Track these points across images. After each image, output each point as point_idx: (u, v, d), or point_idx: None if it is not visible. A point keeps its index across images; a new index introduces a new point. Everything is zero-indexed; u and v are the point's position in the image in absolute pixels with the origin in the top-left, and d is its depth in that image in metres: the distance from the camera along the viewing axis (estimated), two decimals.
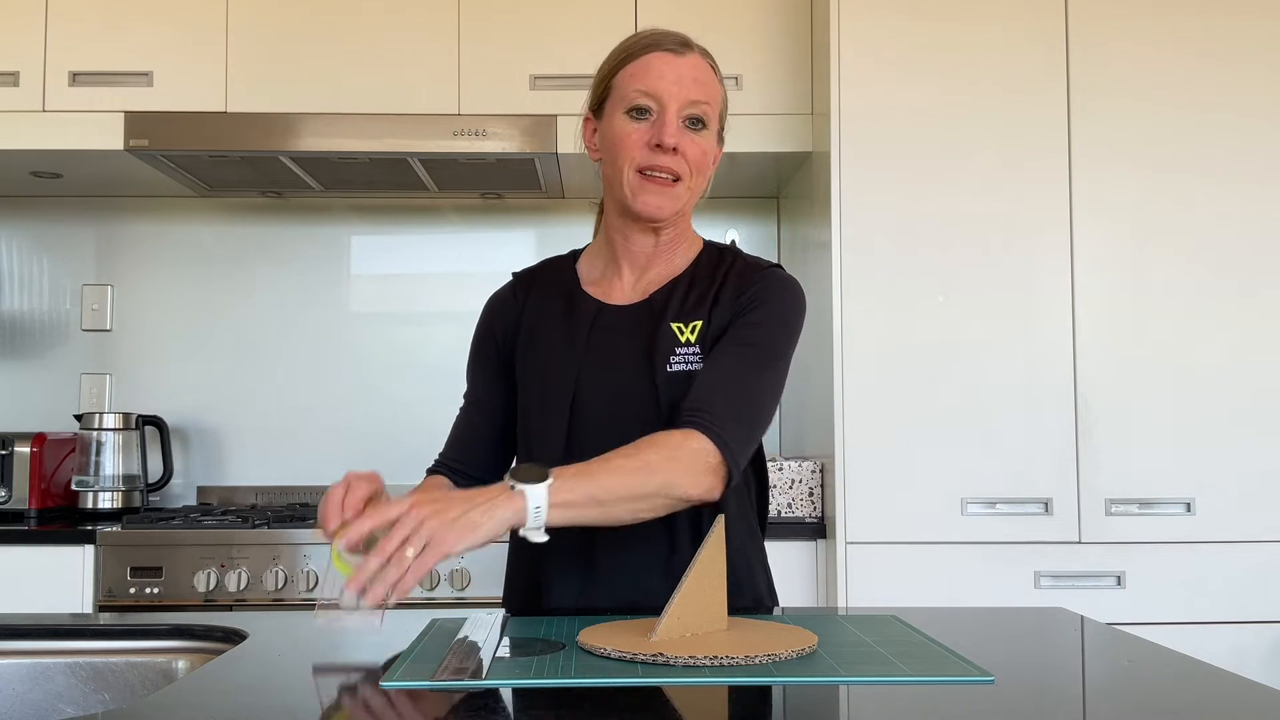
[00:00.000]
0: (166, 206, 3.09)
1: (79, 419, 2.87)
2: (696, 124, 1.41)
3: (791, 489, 2.53)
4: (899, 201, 2.41)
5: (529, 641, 1.15)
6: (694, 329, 1.41)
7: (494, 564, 2.40)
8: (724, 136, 1.49)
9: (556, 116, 2.61)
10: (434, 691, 0.97)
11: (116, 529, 2.45)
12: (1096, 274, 2.41)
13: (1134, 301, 2.41)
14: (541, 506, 1.16)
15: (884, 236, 2.40)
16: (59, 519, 2.77)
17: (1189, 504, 2.37)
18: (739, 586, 1.40)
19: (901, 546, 2.35)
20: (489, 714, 0.93)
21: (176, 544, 2.41)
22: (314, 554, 2.41)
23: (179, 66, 2.67)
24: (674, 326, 1.41)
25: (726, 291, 1.43)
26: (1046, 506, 2.36)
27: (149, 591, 2.39)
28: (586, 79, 1.50)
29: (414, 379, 3.05)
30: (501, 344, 1.50)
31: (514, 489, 1.16)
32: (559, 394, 1.41)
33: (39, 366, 3.06)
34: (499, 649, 1.11)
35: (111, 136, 2.61)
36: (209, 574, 2.38)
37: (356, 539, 1.12)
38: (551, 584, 1.41)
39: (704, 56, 1.44)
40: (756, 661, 1.05)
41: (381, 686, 0.98)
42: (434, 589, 2.39)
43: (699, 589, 1.16)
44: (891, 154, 2.41)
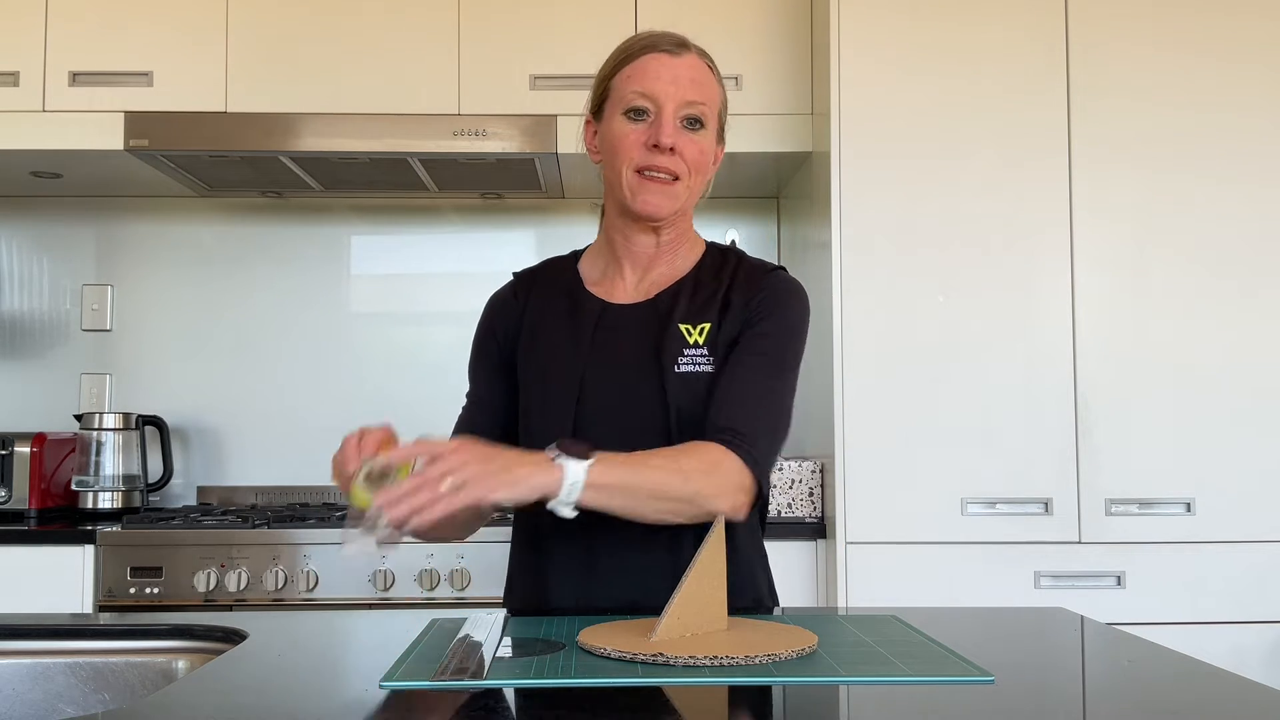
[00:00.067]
0: (166, 206, 3.09)
1: (79, 419, 2.87)
2: (694, 124, 1.41)
3: (791, 489, 2.54)
4: (899, 201, 2.41)
5: (529, 641, 1.15)
6: (702, 331, 1.41)
7: (494, 564, 2.41)
8: (725, 136, 1.49)
9: (556, 116, 2.61)
10: (434, 691, 0.97)
11: (116, 529, 2.45)
12: (1096, 274, 2.41)
13: (1134, 301, 2.41)
14: (578, 483, 1.19)
15: (884, 236, 2.40)
16: (59, 519, 2.77)
17: (1189, 504, 2.37)
18: (739, 586, 1.40)
19: (901, 546, 2.35)
20: (489, 714, 0.93)
21: (176, 544, 2.41)
22: (314, 554, 2.41)
23: (179, 66, 2.67)
24: (682, 328, 1.41)
25: (736, 295, 1.43)
26: (1046, 506, 2.36)
27: (149, 591, 2.39)
28: (586, 79, 1.50)
29: (414, 379, 3.05)
30: (503, 343, 1.50)
31: (556, 460, 1.20)
32: (563, 392, 1.40)
33: (39, 366, 3.06)
34: (499, 649, 1.11)
35: (111, 136, 2.61)
36: (209, 574, 2.38)
37: (401, 457, 1.18)
38: (553, 584, 1.41)
39: (701, 56, 1.44)
40: (756, 661, 1.05)
41: (381, 686, 0.98)
42: (434, 589, 2.39)
43: (699, 589, 1.16)
44: (891, 154, 2.41)
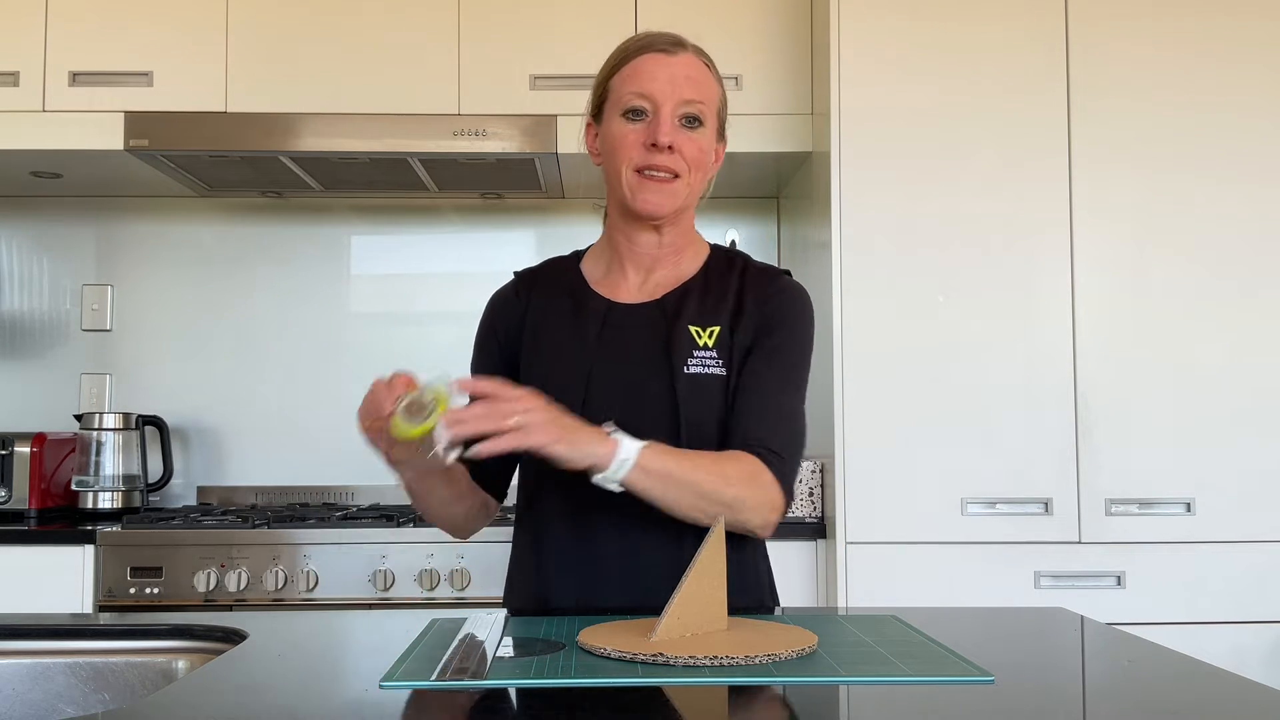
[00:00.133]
0: (166, 206, 3.09)
1: (79, 419, 2.87)
2: (693, 122, 1.41)
3: None
4: (899, 201, 2.41)
5: (529, 641, 1.15)
6: (711, 334, 1.42)
7: (494, 564, 2.41)
8: (725, 133, 1.49)
9: (556, 116, 2.61)
10: (434, 691, 0.97)
11: (116, 529, 2.45)
12: (1096, 274, 2.41)
13: (1134, 301, 2.41)
14: (629, 460, 1.24)
15: (884, 236, 2.40)
16: (59, 519, 2.77)
17: (1189, 504, 2.37)
18: (741, 586, 1.40)
19: (901, 546, 2.35)
20: (489, 714, 0.93)
21: (176, 544, 2.41)
22: (314, 554, 2.41)
23: (179, 66, 2.67)
24: (692, 330, 1.42)
25: (748, 300, 1.44)
26: (1046, 506, 2.36)
27: (149, 591, 2.39)
28: (586, 79, 1.50)
29: None
30: (505, 342, 1.50)
31: (612, 435, 1.25)
32: (569, 390, 1.40)
33: (39, 366, 3.06)
34: (499, 649, 1.11)
35: (111, 136, 2.61)
36: (209, 574, 2.38)
37: (480, 388, 1.21)
38: (553, 584, 1.41)
39: (698, 55, 1.44)
40: (756, 661, 1.05)
41: (381, 686, 0.98)
42: (434, 589, 2.39)
43: (699, 589, 1.16)
44: (891, 154, 2.41)
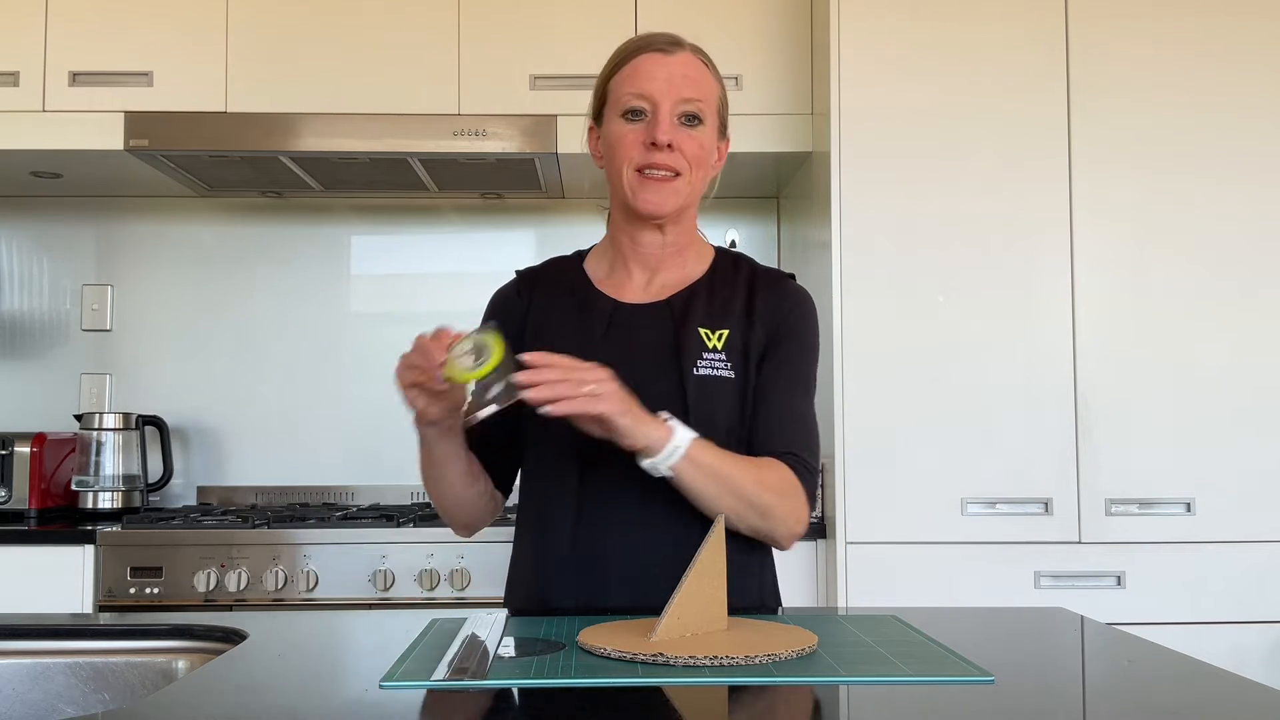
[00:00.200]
0: (166, 206, 3.09)
1: (79, 419, 2.87)
2: (692, 120, 1.41)
3: None
4: (899, 201, 2.41)
5: (529, 641, 1.15)
6: (721, 337, 1.42)
7: (494, 564, 2.41)
8: (728, 131, 1.50)
9: (556, 116, 2.61)
10: (434, 691, 0.97)
11: (116, 529, 2.45)
12: (1096, 274, 2.41)
13: (1134, 301, 2.41)
14: (680, 448, 1.28)
15: (884, 236, 2.40)
16: (59, 519, 2.77)
17: (1189, 504, 2.37)
18: (742, 586, 1.40)
19: (901, 546, 2.35)
20: (489, 714, 0.93)
21: (176, 544, 2.41)
22: (314, 554, 2.41)
23: (179, 66, 2.67)
24: (701, 332, 1.42)
25: (758, 307, 1.44)
26: (1046, 506, 2.36)
27: (149, 591, 2.39)
28: (586, 79, 1.51)
29: None
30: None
31: (668, 422, 1.28)
32: None
33: (39, 366, 3.06)
34: (499, 649, 1.11)
35: (111, 136, 2.61)
36: (209, 574, 2.38)
37: (550, 360, 1.23)
38: (555, 583, 1.40)
39: (695, 54, 1.44)
40: (756, 661, 1.05)
41: (381, 686, 0.98)
42: (434, 589, 2.39)
43: (699, 589, 1.16)
44: (891, 154, 2.41)
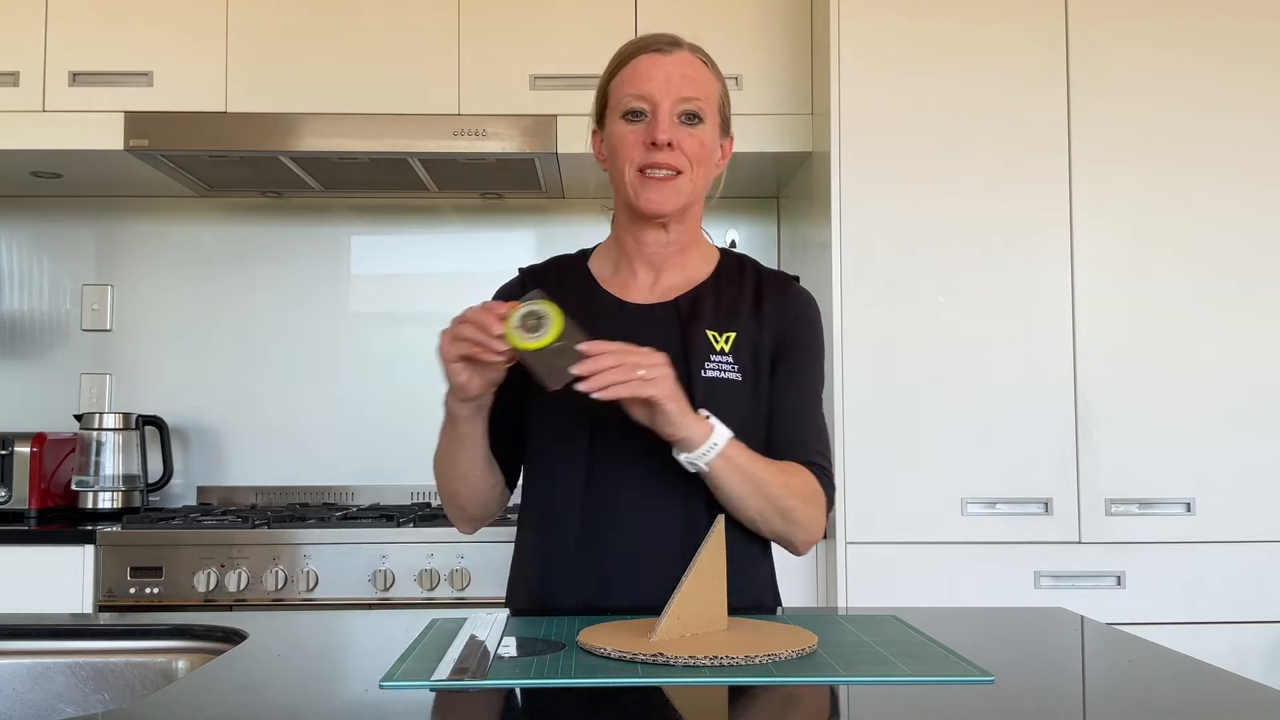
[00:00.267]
0: (166, 206, 3.09)
1: (79, 419, 2.87)
2: (692, 119, 1.41)
3: None
4: (899, 201, 2.41)
5: (529, 641, 1.15)
6: (728, 339, 1.42)
7: (494, 564, 2.41)
8: (731, 129, 1.49)
9: (556, 116, 2.61)
10: (434, 691, 0.97)
11: (116, 529, 2.45)
12: (1096, 274, 2.41)
13: (1134, 301, 2.40)
14: (718, 445, 1.30)
15: (884, 236, 2.40)
16: (59, 519, 2.77)
17: (1189, 504, 2.37)
18: (742, 586, 1.40)
19: (901, 546, 2.35)
20: (489, 714, 0.93)
21: (176, 544, 2.41)
22: (314, 554, 2.41)
23: (179, 66, 2.66)
24: (709, 334, 1.42)
25: (765, 311, 1.45)
26: (1046, 506, 2.36)
27: (149, 591, 2.39)
28: (586, 79, 1.51)
29: (414, 379, 3.05)
30: None
31: (709, 419, 1.30)
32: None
33: (39, 366, 3.06)
34: (499, 649, 1.11)
35: (111, 136, 2.61)
36: (209, 574, 2.38)
37: (607, 347, 1.25)
38: (558, 584, 1.40)
39: (694, 52, 1.45)
40: (756, 661, 1.05)
41: (381, 687, 0.98)
42: (434, 589, 2.39)
43: (699, 589, 1.16)
44: (891, 154, 2.41)
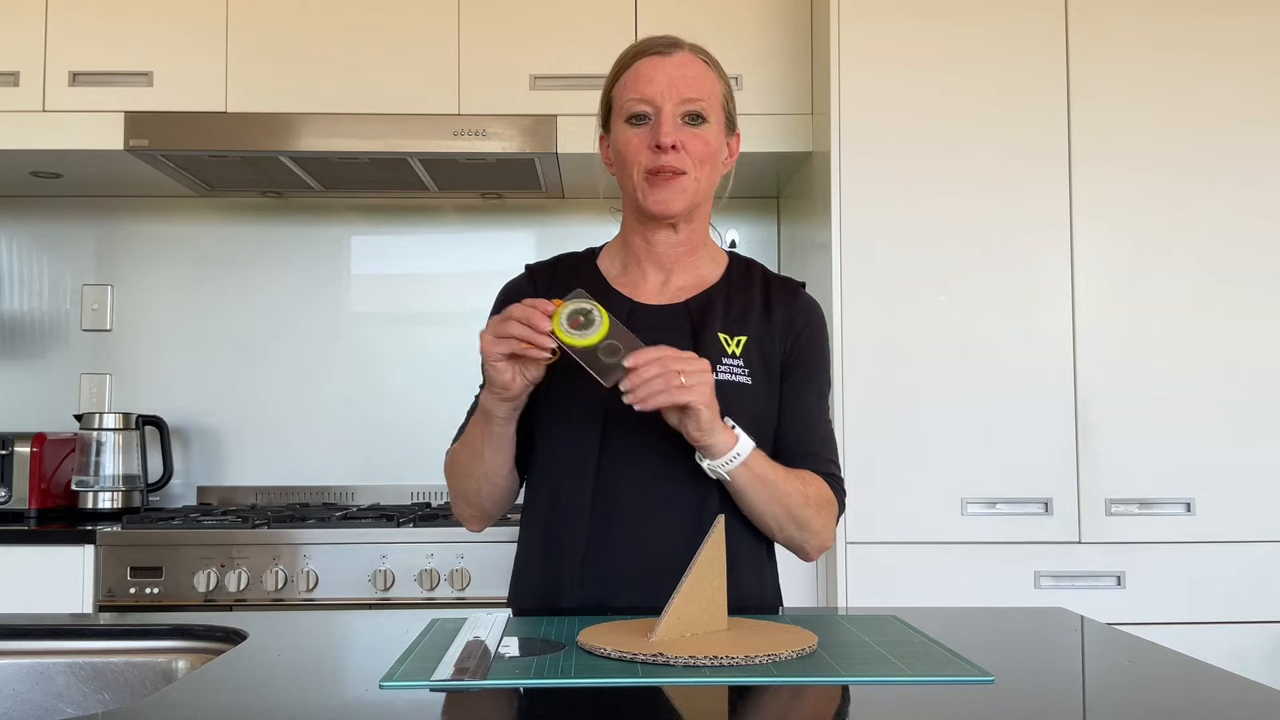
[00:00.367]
0: (166, 206, 3.09)
1: (79, 419, 2.87)
2: (696, 119, 1.41)
3: None
4: (899, 201, 2.41)
5: (529, 641, 1.15)
6: (739, 343, 1.43)
7: (494, 564, 2.41)
8: (736, 127, 1.50)
9: (556, 116, 2.61)
10: (433, 691, 0.97)
11: (116, 529, 2.45)
12: (1096, 274, 2.41)
13: (1134, 301, 2.40)
14: (741, 455, 1.31)
15: (884, 236, 2.40)
16: (59, 519, 2.77)
17: (1189, 504, 2.37)
18: (747, 587, 1.40)
19: (901, 546, 2.35)
20: (489, 714, 0.93)
21: (176, 544, 2.41)
22: (314, 554, 2.41)
23: (179, 66, 2.67)
24: (720, 336, 1.42)
25: (775, 317, 1.45)
26: (1046, 506, 2.36)
27: (149, 591, 2.39)
28: (586, 79, 1.51)
29: (414, 379, 3.05)
30: None
31: (734, 429, 1.32)
32: (591, 385, 1.40)
33: (39, 366, 3.06)
34: (499, 649, 1.11)
35: (111, 136, 2.61)
36: (209, 574, 2.38)
37: (652, 356, 1.25)
38: (564, 583, 1.40)
39: (695, 52, 1.45)
40: (756, 661, 1.05)
41: (381, 686, 0.98)
42: (434, 589, 2.39)
43: (699, 589, 1.16)
44: (891, 154, 2.41)
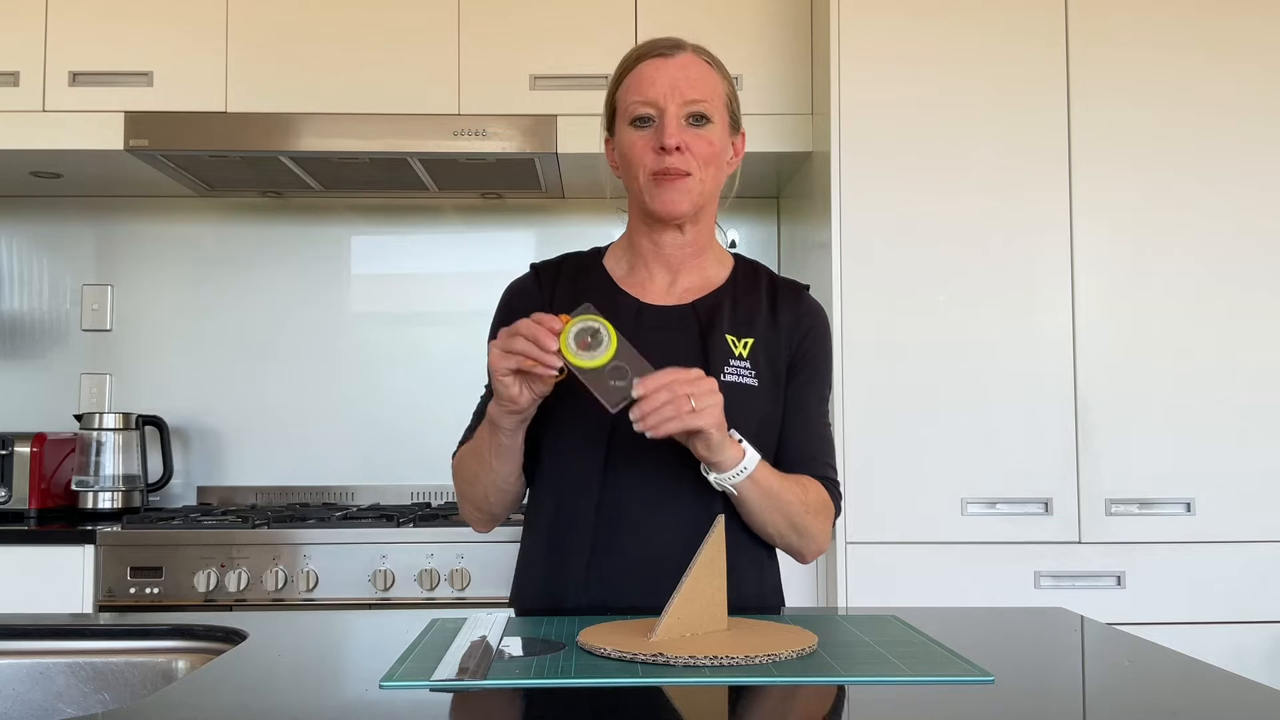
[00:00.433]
0: (166, 206, 3.09)
1: (79, 419, 2.87)
2: (699, 120, 1.41)
3: None
4: (899, 201, 2.41)
5: (529, 641, 1.15)
6: (746, 345, 1.43)
7: (494, 564, 2.41)
8: (741, 126, 1.50)
9: (556, 116, 2.61)
10: (433, 692, 0.97)
11: (116, 529, 2.45)
12: (1096, 274, 2.41)
13: (1134, 301, 2.40)
14: (748, 469, 1.32)
15: (884, 236, 2.40)
16: (59, 519, 2.77)
17: (1189, 504, 2.37)
18: (750, 587, 1.40)
19: (901, 546, 2.35)
20: (488, 714, 0.93)
21: (176, 544, 2.41)
22: (314, 554, 2.41)
23: (179, 66, 2.67)
24: (728, 338, 1.43)
25: (781, 319, 1.46)
26: (1046, 506, 2.36)
27: (149, 591, 2.39)
28: (586, 79, 1.51)
29: (414, 379, 3.05)
30: None
31: (741, 442, 1.32)
32: None
33: (39, 366, 3.06)
34: (499, 648, 1.11)
35: (111, 136, 2.61)
36: (209, 574, 2.38)
37: (661, 383, 1.23)
38: (569, 585, 1.40)
39: (697, 53, 1.45)
40: (756, 661, 1.05)
41: (381, 686, 0.98)
42: (434, 589, 2.39)
43: (699, 589, 1.16)
44: (891, 154, 2.41)
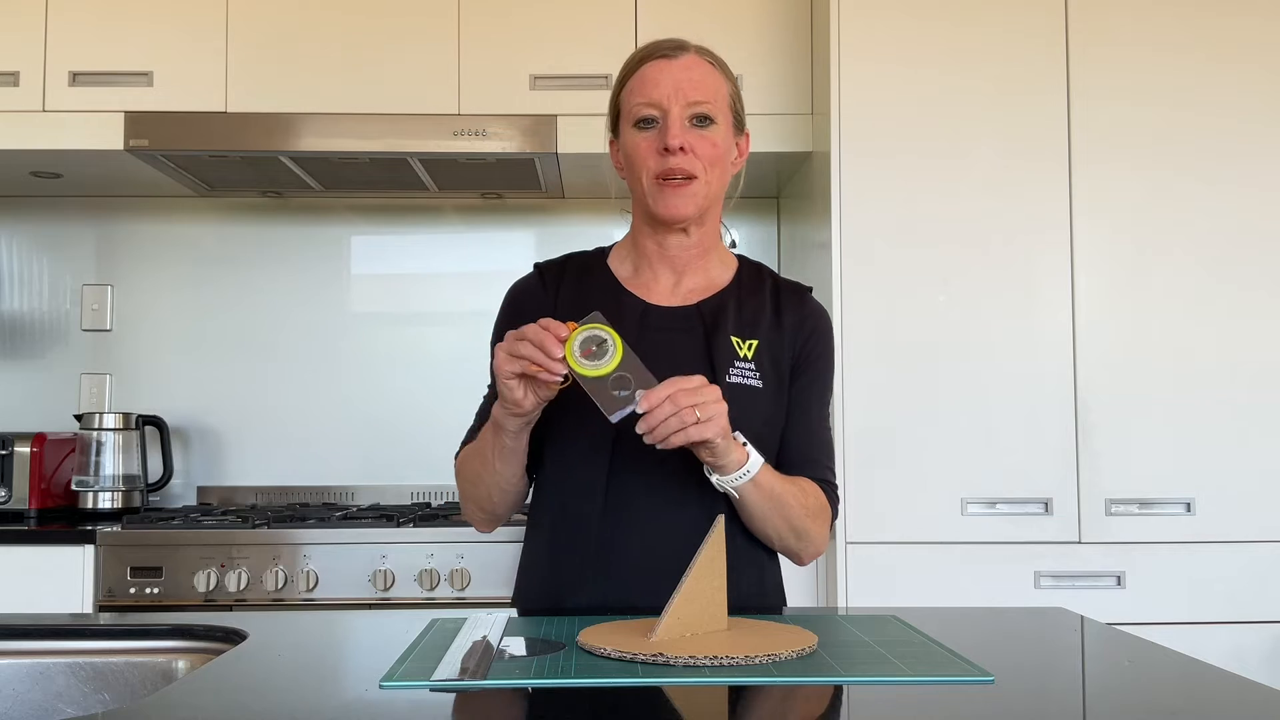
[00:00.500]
0: (166, 206, 3.09)
1: (79, 419, 2.87)
2: (703, 121, 1.41)
3: None
4: (899, 201, 2.41)
5: (529, 641, 1.15)
6: (751, 346, 1.44)
7: (494, 564, 2.41)
8: (745, 127, 1.50)
9: (556, 116, 2.61)
10: (433, 691, 0.97)
11: (116, 529, 2.45)
12: (1096, 274, 2.41)
13: (1134, 301, 2.40)
14: (751, 472, 1.32)
15: (884, 236, 2.40)
16: (59, 519, 2.77)
17: (1189, 504, 2.37)
18: (751, 587, 1.40)
19: (901, 546, 2.35)
20: (488, 714, 0.93)
21: (176, 544, 2.41)
22: (314, 554, 2.41)
23: (179, 66, 2.67)
24: (733, 340, 1.43)
25: (784, 321, 1.46)
26: (1046, 506, 2.36)
27: (149, 591, 2.39)
28: (586, 79, 1.51)
29: (414, 379, 3.05)
30: None
31: (745, 446, 1.32)
32: None
33: (39, 366, 3.06)
34: (499, 648, 1.11)
35: (111, 136, 2.61)
36: (209, 574, 2.38)
37: (664, 395, 1.23)
38: (573, 585, 1.40)
39: (701, 54, 1.44)
40: (756, 661, 1.05)
41: (381, 687, 0.98)
42: (434, 589, 2.39)
43: (699, 589, 1.16)
44: (891, 154, 2.41)
